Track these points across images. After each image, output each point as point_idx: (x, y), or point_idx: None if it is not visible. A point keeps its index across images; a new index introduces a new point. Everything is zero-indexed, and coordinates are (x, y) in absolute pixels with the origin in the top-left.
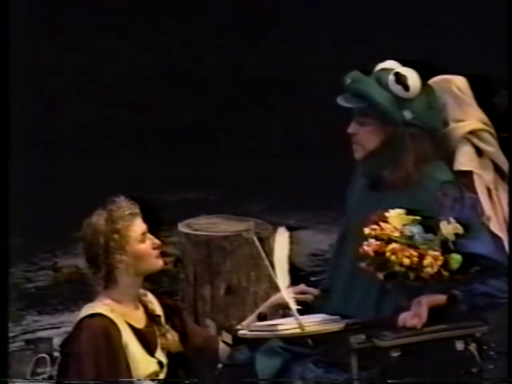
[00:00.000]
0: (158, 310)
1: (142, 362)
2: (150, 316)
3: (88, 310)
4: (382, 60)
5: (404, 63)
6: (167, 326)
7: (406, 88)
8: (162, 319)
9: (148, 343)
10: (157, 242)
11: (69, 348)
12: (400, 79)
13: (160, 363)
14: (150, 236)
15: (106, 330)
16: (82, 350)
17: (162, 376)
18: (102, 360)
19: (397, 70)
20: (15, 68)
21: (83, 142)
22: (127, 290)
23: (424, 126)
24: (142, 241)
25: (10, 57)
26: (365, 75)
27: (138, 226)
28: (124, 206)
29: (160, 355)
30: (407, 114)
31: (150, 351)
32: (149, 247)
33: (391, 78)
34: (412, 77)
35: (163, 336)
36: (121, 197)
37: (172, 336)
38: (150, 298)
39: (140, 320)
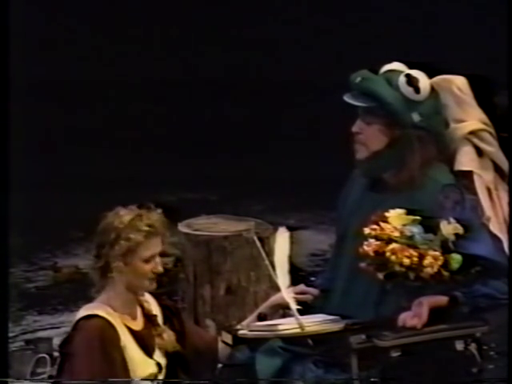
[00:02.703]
0: (155, 309)
1: (141, 364)
2: (147, 316)
3: (86, 311)
4: (382, 61)
5: (404, 64)
6: (163, 326)
7: (417, 90)
8: (159, 319)
9: (146, 345)
10: (160, 269)
11: (66, 349)
12: (412, 81)
13: (158, 365)
14: (157, 260)
15: (102, 331)
16: (76, 351)
17: (160, 378)
18: (96, 362)
19: (407, 71)
20: (15, 68)
21: (83, 142)
22: (124, 293)
23: (431, 129)
24: (147, 261)
25: (10, 57)
26: (374, 75)
27: (153, 246)
28: (153, 219)
29: (158, 357)
30: (416, 117)
31: (148, 353)
32: (149, 270)
33: (402, 79)
34: (423, 79)
35: (159, 336)
36: (158, 210)
37: (168, 335)
38: (147, 298)
39: (138, 321)
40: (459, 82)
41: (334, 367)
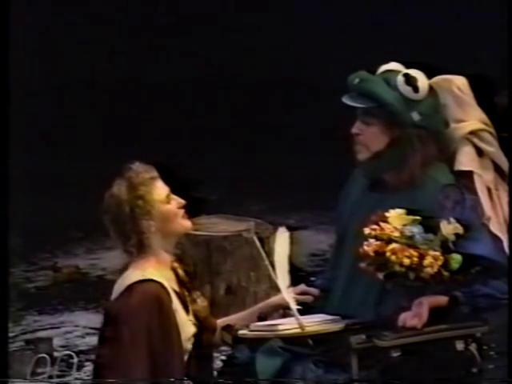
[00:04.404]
0: (186, 276)
1: (185, 325)
2: (181, 282)
3: (136, 275)
4: (382, 61)
5: (404, 64)
6: (197, 292)
7: (416, 89)
8: (191, 285)
9: (185, 306)
10: (182, 201)
11: (118, 313)
12: (410, 80)
13: (195, 324)
14: (173, 196)
15: (158, 295)
16: (133, 315)
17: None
18: (155, 327)
19: (405, 71)
20: (15, 67)
21: (84, 142)
22: (161, 253)
23: (430, 128)
24: (168, 202)
25: (11, 56)
26: (372, 75)
27: (161, 188)
28: (142, 171)
29: (192, 318)
30: (415, 116)
31: (188, 313)
32: (175, 207)
33: (400, 79)
34: (421, 78)
35: (194, 302)
36: (136, 163)
37: (201, 301)
38: (178, 265)
39: (175, 284)
40: (459, 82)
41: (333, 367)
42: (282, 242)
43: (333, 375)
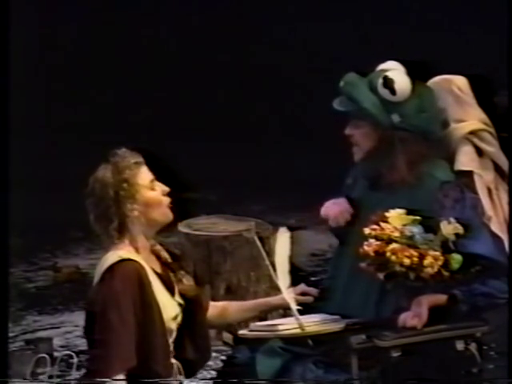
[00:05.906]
0: (169, 257)
1: (168, 306)
2: (164, 264)
3: (114, 257)
4: (382, 60)
5: (404, 63)
6: (182, 271)
7: (393, 92)
8: (175, 266)
9: (168, 287)
10: (166, 188)
11: (101, 297)
12: (387, 83)
13: (180, 305)
14: (158, 183)
15: (139, 273)
16: (117, 295)
17: (179, 318)
18: (138, 304)
19: (385, 73)
20: (16, 65)
21: (83, 142)
22: (141, 239)
23: (414, 129)
24: (152, 188)
25: (11, 54)
26: (359, 77)
27: (145, 173)
28: (128, 155)
29: (178, 298)
30: (395, 118)
31: (172, 294)
32: (159, 194)
33: (380, 81)
34: (400, 81)
35: (180, 281)
36: (122, 148)
37: (188, 280)
38: (160, 248)
39: (157, 266)
40: (459, 82)
41: (334, 367)
42: (282, 242)
43: (333, 375)
